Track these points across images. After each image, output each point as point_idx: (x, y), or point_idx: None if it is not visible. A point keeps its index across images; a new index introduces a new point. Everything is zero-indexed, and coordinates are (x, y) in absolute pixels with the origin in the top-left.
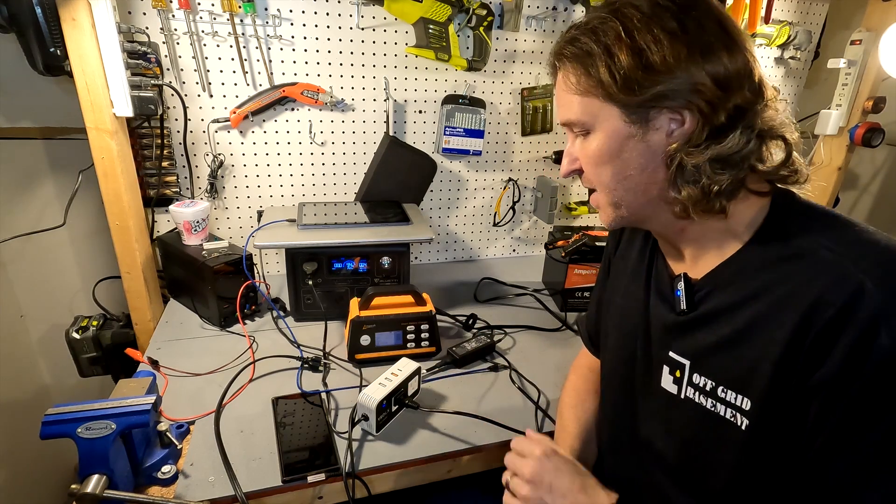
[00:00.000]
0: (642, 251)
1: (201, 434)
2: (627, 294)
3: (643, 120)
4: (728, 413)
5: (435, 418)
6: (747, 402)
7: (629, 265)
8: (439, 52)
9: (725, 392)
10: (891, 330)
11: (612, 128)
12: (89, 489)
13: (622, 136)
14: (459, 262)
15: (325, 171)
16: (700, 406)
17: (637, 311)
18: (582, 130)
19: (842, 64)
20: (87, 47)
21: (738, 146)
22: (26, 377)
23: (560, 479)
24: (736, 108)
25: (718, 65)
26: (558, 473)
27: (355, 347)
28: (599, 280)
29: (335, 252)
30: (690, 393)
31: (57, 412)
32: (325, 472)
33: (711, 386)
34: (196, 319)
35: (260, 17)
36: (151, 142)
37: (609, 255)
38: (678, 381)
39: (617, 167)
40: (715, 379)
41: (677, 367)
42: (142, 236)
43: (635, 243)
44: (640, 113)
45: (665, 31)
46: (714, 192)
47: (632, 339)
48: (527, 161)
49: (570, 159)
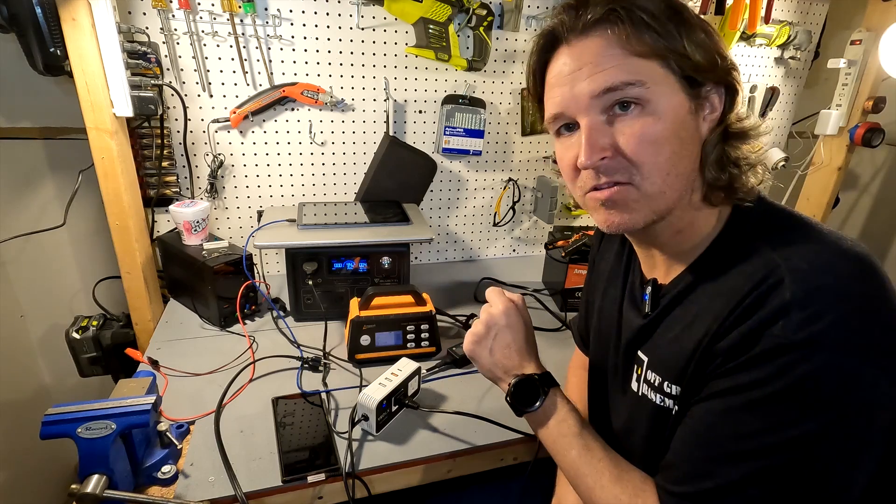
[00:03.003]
0: (619, 254)
1: (201, 434)
2: (605, 296)
3: (698, 96)
4: (669, 403)
5: (435, 418)
6: (678, 389)
7: (607, 266)
8: (439, 52)
9: (670, 386)
10: (788, 323)
11: (677, 101)
12: (89, 489)
13: (684, 111)
14: (459, 262)
15: (325, 171)
16: (651, 402)
17: (612, 313)
18: (635, 100)
19: (842, 64)
20: (87, 47)
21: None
22: (26, 377)
23: (504, 335)
24: None
25: None
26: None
27: (355, 347)
28: (586, 281)
29: (335, 252)
30: (645, 389)
31: (57, 412)
32: (325, 472)
33: (658, 381)
34: (196, 319)
35: (260, 17)
36: (151, 142)
37: (593, 255)
38: (638, 378)
39: (675, 146)
40: (662, 374)
41: (640, 364)
42: (142, 236)
43: (613, 245)
44: (696, 88)
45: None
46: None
47: (607, 340)
48: (527, 161)
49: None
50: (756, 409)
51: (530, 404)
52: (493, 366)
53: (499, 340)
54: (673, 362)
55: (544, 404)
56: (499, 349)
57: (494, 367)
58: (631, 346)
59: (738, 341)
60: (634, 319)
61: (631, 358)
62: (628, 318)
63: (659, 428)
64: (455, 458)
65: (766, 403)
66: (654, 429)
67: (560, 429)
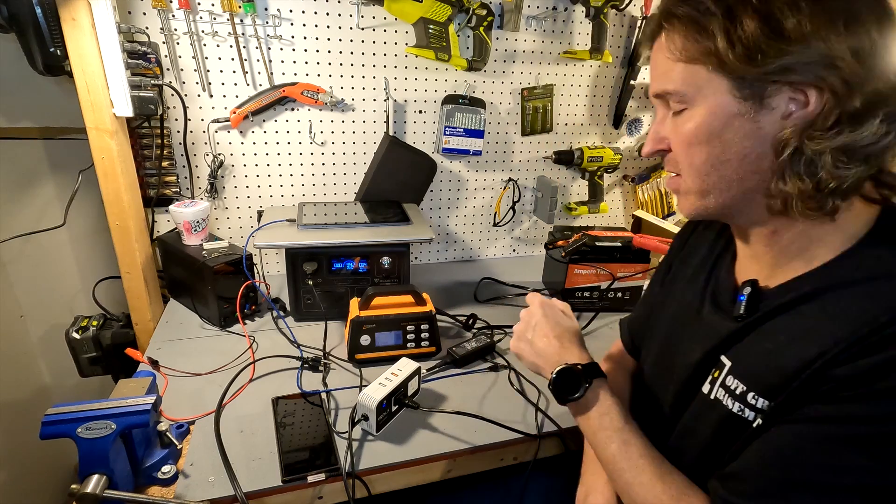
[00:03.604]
0: (706, 259)
1: (201, 434)
2: (682, 293)
3: (757, 96)
4: (750, 415)
5: (435, 418)
6: (766, 403)
7: (688, 271)
8: (439, 52)
9: (756, 399)
10: None
11: (718, 103)
12: (89, 489)
13: (728, 114)
14: (459, 262)
15: (325, 171)
16: (726, 408)
17: (687, 319)
18: (679, 104)
19: None
20: (87, 47)
21: (876, 137)
22: (26, 377)
23: (542, 325)
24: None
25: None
26: (545, 319)
27: (355, 347)
28: (655, 281)
29: (335, 252)
30: (720, 394)
31: (57, 412)
32: (325, 472)
33: (742, 390)
34: (196, 319)
35: (260, 17)
36: (151, 142)
37: (671, 257)
38: (713, 381)
39: (715, 149)
40: (748, 384)
41: (719, 369)
42: (142, 236)
43: (700, 250)
44: (756, 88)
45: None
46: (830, 189)
47: (677, 342)
48: (527, 161)
49: (656, 138)
50: (863, 446)
51: (572, 393)
52: (535, 356)
53: (538, 331)
54: (767, 375)
55: (587, 395)
56: (539, 339)
57: (536, 358)
58: (714, 350)
59: (861, 372)
60: (721, 322)
61: (711, 361)
62: (710, 319)
63: (726, 436)
64: (455, 458)
65: (879, 444)
66: (720, 435)
67: (602, 421)
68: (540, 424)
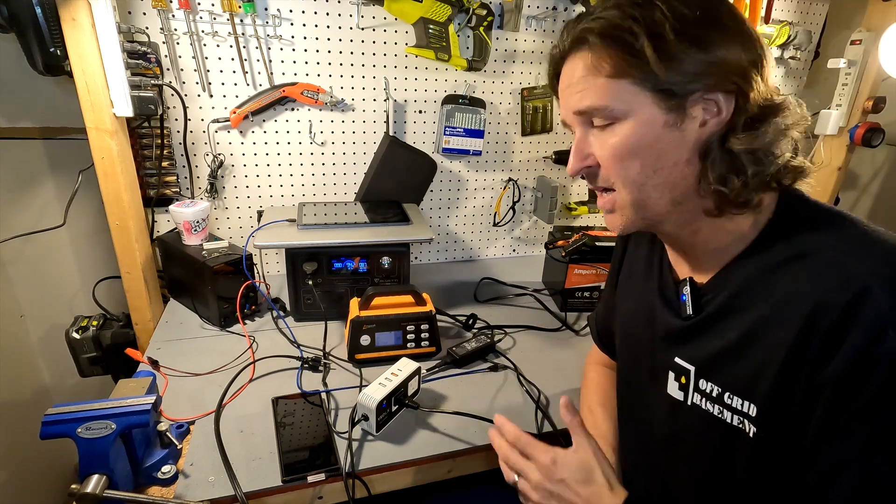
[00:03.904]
0: (650, 255)
1: (201, 434)
2: (635, 299)
3: (679, 107)
4: (735, 420)
5: (435, 418)
6: (753, 408)
7: (636, 268)
8: (439, 52)
9: (731, 398)
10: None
11: (647, 115)
12: (89, 489)
13: (657, 124)
14: (459, 262)
15: (325, 171)
16: (707, 413)
17: (644, 317)
18: (606, 120)
19: (842, 64)
20: (87, 47)
21: (774, 137)
22: (26, 377)
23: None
24: (765, 100)
25: (753, 53)
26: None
27: (355, 347)
28: (610, 279)
29: (335, 252)
30: (697, 399)
31: (57, 412)
32: (325, 472)
33: (718, 392)
34: (196, 319)
35: (260, 17)
36: (151, 142)
37: (618, 256)
38: (684, 387)
39: (648, 160)
40: (721, 385)
41: (682, 373)
42: (142, 236)
43: (642, 246)
44: (678, 98)
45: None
46: (754, 184)
47: (637, 345)
48: (527, 161)
49: (581, 155)
50: None
51: None
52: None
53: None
54: (740, 376)
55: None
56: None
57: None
58: (668, 350)
59: (846, 369)
60: (672, 321)
61: (667, 362)
62: (663, 319)
63: (720, 445)
64: (455, 458)
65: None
66: (711, 444)
67: None
68: (540, 424)
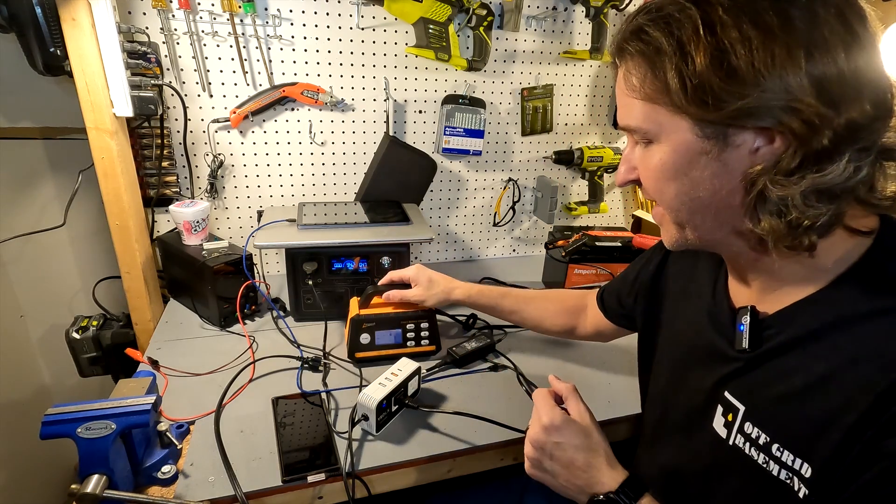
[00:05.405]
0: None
1: (201, 434)
2: (688, 320)
3: (720, 135)
4: (783, 475)
5: (435, 418)
6: (807, 467)
7: (692, 290)
8: (439, 52)
9: (781, 451)
10: None
11: (680, 141)
12: (89, 489)
13: (692, 152)
14: (459, 262)
15: (325, 171)
16: (750, 459)
17: (693, 339)
18: (644, 139)
19: None
20: (87, 47)
21: (843, 176)
22: (26, 377)
23: (560, 454)
24: (848, 127)
25: (829, 67)
26: (559, 448)
27: (355, 346)
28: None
29: (335, 252)
30: (740, 442)
31: (57, 412)
32: (325, 472)
33: (766, 441)
34: (196, 319)
35: (260, 17)
36: (151, 142)
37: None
38: (729, 424)
39: (683, 186)
40: (771, 434)
41: (730, 409)
42: (142, 236)
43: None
44: (717, 128)
45: (758, 25)
46: (804, 228)
47: (685, 369)
48: (527, 161)
49: (627, 167)
50: None
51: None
52: (564, 488)
53: (557, 461)
54: (790, 426)
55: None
56: (561, 471)
57: (565, 490)
58: (719, 382)
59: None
60: (724, 348)
61: (715, 396)
62: (716, 346)
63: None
64: (455, 458)
65: None
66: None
67: None
68: None
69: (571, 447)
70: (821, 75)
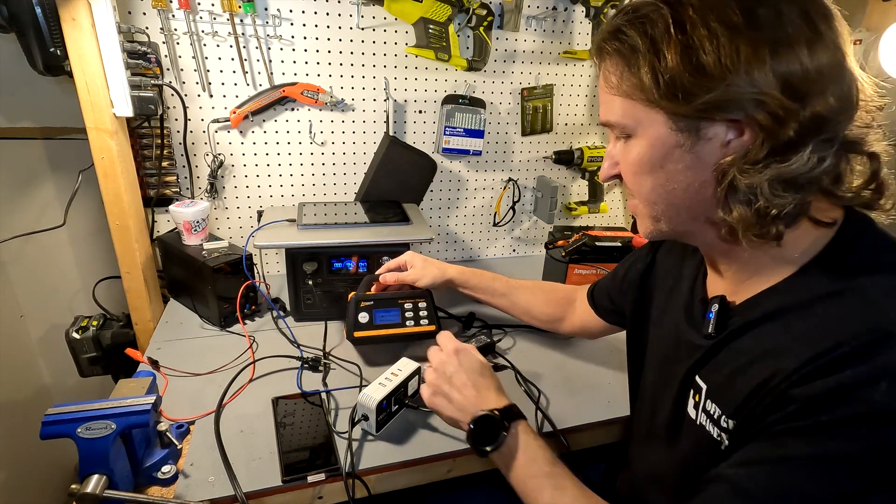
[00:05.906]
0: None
1: (201, 434)
2: (671, 315)
3: (692, 129)
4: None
5: (435, 418)
6: (732, 423)
7: (677, 283)
8: (439, 52)
9: (727, 421)
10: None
11: (656, 135)
12: (89, 489)
13: (667, 146)
14: (459, 262)
15: (325, 171)
16: (708, 435)
17: (676, 335)
18: (622, 134)
19: None
20: (87, 47)
21: (807, 167)
22: (26, 377)
23: (459, 375)
24: (812, 119)
25: (793, 63)
26: (460, 369)
27: (354, 325)
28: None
29: (335, 252)
30: (703, 420)
31: (57, 412)
32: (325, 472)
33: (718, 413)
34: (196, 319)
35: (260, 17)
36: (151, 142)
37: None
38: (696, 405)
39: (659, 179)
40: (721, 406)
41: (697, 391)
42: (142, 236)
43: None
44: (689, 121)
45: (725, 23)
46: (771, 217)
47: (670, 366)
48: (527, 161)
49: (610, 162)
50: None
51: (491, 442)
52: (455, 410)
53: (455, 382)
54: (732, 396)
55: (507, 442)
56: (456, 392)
57: (455, 412)
58: (691, 370)
59: (820, 393)
60: (695, 339)
61: (689, 382)
62: (687, 337)
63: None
64: (455, 458)
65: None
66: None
67: (529, 469)
68: (540, 424)
69: (470, 370)
70: (785, 71)
